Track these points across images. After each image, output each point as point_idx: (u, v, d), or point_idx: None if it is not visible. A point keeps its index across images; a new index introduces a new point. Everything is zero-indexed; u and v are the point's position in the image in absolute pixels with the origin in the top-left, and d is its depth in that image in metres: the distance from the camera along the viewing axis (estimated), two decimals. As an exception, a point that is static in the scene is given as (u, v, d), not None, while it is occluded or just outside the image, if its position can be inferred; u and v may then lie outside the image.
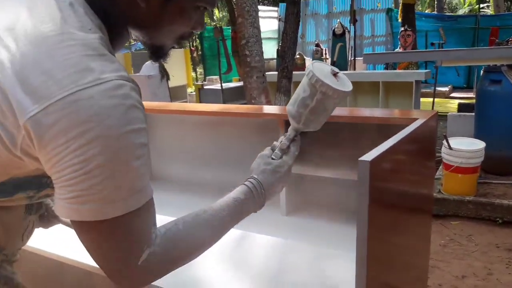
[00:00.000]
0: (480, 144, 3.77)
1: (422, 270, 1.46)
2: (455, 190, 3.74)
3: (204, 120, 1.83)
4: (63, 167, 0.64)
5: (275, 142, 1.06)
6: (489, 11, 18.49)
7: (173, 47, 0.90)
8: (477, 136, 4.17)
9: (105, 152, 0.64)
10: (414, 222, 1.25)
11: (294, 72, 6.12)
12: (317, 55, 10.75)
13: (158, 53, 0.88)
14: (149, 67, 6.55)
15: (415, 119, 1.24)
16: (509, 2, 19.28)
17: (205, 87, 7.66)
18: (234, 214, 0.89)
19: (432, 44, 8.82)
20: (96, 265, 0.72)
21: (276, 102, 5.36)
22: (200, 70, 14.59)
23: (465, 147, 3.72)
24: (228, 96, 6.88)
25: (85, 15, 0.72)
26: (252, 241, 1.36)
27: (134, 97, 0.68)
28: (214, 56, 12.17)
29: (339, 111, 1.38)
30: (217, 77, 10.67)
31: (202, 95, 7.38)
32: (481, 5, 19.98)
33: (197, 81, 11.94)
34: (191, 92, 10.21)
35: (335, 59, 10.21)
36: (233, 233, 1.36)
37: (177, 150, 1.97)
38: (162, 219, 0.80)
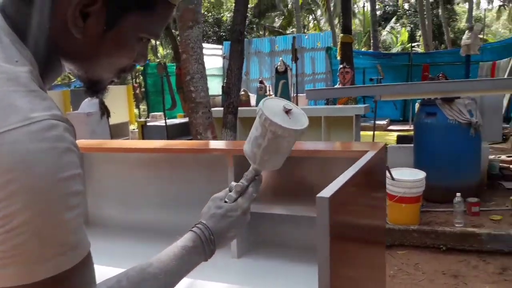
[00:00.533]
0: (421, 174, 3.91)
1: None
2: (400, 219, 3.83)
3: (146, 158, 1.73)
4: None
5: (232, 183, 0.98)
6: (420, 49, 19.82)
7: (112, 81, 0.82)
8: (417, 166, 4.34)
9: (32, 205, 0.55)
10: (371, 253, 1.23)
11: (239, 108, 6.15)
12: (261, 92, 10.92)
13: (95, 88, 0.79)
14: (89, 104, 6.34)
15: (366, 151, 1.25)
16: (436, 42, 20.79)
17: (148, 123, 7.51)
18: (183, 265, 0.81)
19: (371, 79, 9.25)
20: None
21: (223, 137, 5.33)
22: (143, 107, 14.37)
23: (406, 177, 3.85)
24: (173, 132, 6.77)
25: (12, 45, 0.65)
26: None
27: (68, 139, 0.60)
28: (158, 92, 12.07)
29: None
30: (161, 113, 10.54)
31: (146, 132, 7.21)
32: (413, 44, 21.41)
33: (140, 118, 11.72)
34: (134, 129, 9.99)
35: (278, 95, 10.43)
36: (180, 283, 1.26)
37: (117, 192, 1.85)
38: (101, 271, 0.71)
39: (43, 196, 0.56)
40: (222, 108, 6.82)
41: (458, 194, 3.80)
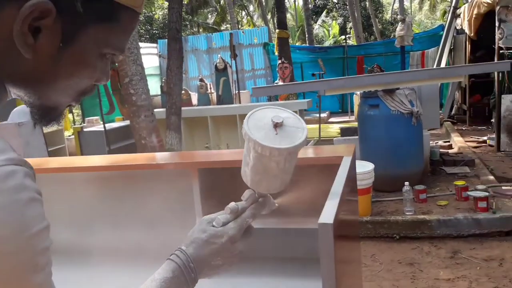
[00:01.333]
0: (369, 166, 3.96)
1: None
2: (353, 212, 3.86)
3: (96, 176, 1.57)
4: None
5: (231, 203, 0.85)
6: (351, 42, 20.44)
7: (70, 106, 0.69)
8: (363, 158, 4.40)
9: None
10: (352, 251, 1.17)
11: (183, 109, 5.97)
12: (202, 90, 10.78)
13: (50, 116, 0.67)
14: (19, 114, 5.88)
15: (341, 157, 1.18)
16: (366, 33, 21.53)
17: (85, 129, 7.12)
18: None
19: (313, 74, 9.36)
20: None
21: (168, 140, 5.14)
22: (77, 111, 13.69)
23: (356, 169, 3.88)
24: (113, 138, 6.45)
25: None
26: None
27: (30, 186, 0.50)
28: (92, 95, 11.51)
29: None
30: (97, 117, 10.06)
31: (82, 138, 6.82)
32: (344, 36, 22.04)
33: (74, 123, 11.13)
34: (69, 136, 9.46)
35: (220, 93, 10.33)
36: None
37: (65, 215, 1.66)
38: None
39: (8, 262, 0.47)
40: (162, 109, 6.61)
41: (407, 183, 3.90)
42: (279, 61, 10.13)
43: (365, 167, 3.96)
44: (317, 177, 1.27)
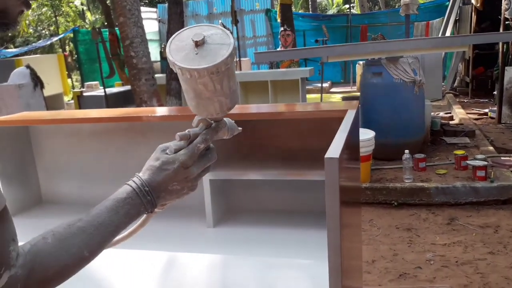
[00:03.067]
0: (370, 133, 3.97)
1: (359, 255, 1.42)
2: (352, 178, 3.89)
3: (100, 129, 1.57)
4: None
5: (185, 131, 0.85)
6: (355, 11, 20.10)
7: (22, 12, 0.69)
8: (365, 126, 4.39)
9: None
10: (355, 212, 1.18)
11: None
12: (202, 57, 10.63)
13: (2, 20, 0.67)
14: (19, 75, 5.83)
15: (346, 110, 1.18)
16: (371, 3, 21.15)
17: (84, 94, 7.08)
18: (118, 216, 0.76)
19: (316, 41, 9.24)
20: None
21: (168, 105, 5.12)
22: (76, 76, 13.59)
23: (357, 137, 3.89)
24: (113, 102, 6.42)
25: None
26: (181, 262, 1.17)
27: None
28: (92, 60, 11.38)
29: (260, 109, 1.27)
30: (96, 82, 9.98)
31: (82, 103, 6.78)
32: (347, 6, 21.64)
33: (73, 88, 11.06)
34: (69, 101, 9.41)
35: (220, 59, 10.18)
36: (156, 257, 1.16)
37: (70, 167, 1.68)
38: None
39: None
40: (162, 75, 6.55)
41: (407, 151, 3.91)
42: (281, 29, 9.96)
43: (366, 135, 3.96)
44: (322, 130, 1.27)
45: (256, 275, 1.11)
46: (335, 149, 0.69)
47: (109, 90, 6.99)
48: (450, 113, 6.77)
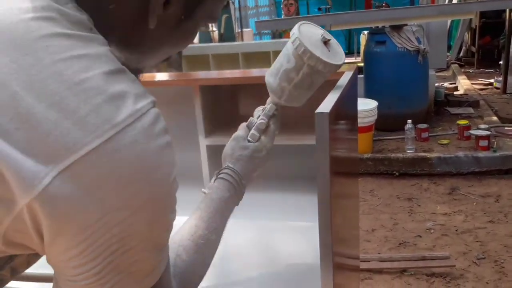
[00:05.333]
0: (373, 104, 3.93)
1: (356, 225, 1.42)
2: (354, 149, 3.88)
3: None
4: (94, 256, 0.42)
5: (251, 118, 0.89)
6: (360, -20, 19.66)
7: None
8: (367, 96, 4.35)
9: (152, 221, 0.45)
10: (350, 180, 1.17)
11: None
12: (204, 28, 10.51)
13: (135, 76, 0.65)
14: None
15: (343, 72, 1.15)
16: (376, -28, 20.67)
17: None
18: (225, 218, 0.78)
19: (319, 9, 9.09)
20: None
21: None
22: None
23: (359, 107, 3.84)
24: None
25: (75, 10, 0.47)
26: (179, 225, 1.17)
27: (168, 129, 0.48)
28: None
29: (250, 73, 1.24)
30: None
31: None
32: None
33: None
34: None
35: (222, 31, 10.07)
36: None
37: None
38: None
39: (162, 207, 0.46)
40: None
41: (409, 120, 3.88)
42: (285, -2, 9.78)
43: (368, 105, 3.92)
44: (318, 93, 1.25)
45: (255, 238, 1.12)
46: (326, 105, 0.67)
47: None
48: (454, 83, 6.69)
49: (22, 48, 0.42)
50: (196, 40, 11.20)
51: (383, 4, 8.25)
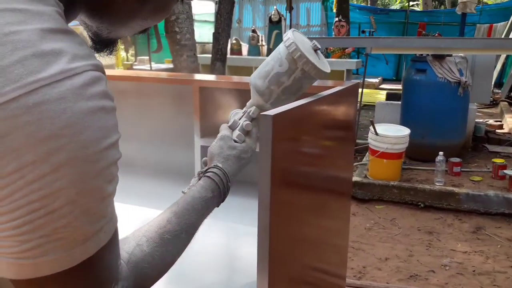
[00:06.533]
0: (405, 131, 3.85)
1: (342, 251, 1.38)
2: (381, 175, 3.80)
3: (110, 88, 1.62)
4: (11, 209, 0.42)
5: (234, 119, 0.89)
6: (418, 9, 19.38)
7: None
8: (403, 123, 4.27)
9: (78, 182, 0.44)
10: (331, 202, 1.15)
11: (229, 56, 5.97)
12: (254, 42, 10.66)
13: (110, 47, 0.67)
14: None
15: (331, 87, 1.14)
16: (436, 2, 20.31)
17: (134, 67, 7.31)
18: (201, 217, 0.74)
19: (363, 31, 9.04)
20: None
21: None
22: (132, 51, 14.00)
23: (391, 133, 3.79)
24: (159, 77, 6.60)
25: None
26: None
27: (111, 95, 0.49)
28: (146, 36, 11.67)
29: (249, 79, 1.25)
30: (148, 57, 10.25)
31: (132, 75, 7.02)
32: (411, 3, 20.91)
33: (128, 60, 11.41)
34: (121, 73, 9.72)
35: (271, 46, 10.18)
36: (143, 213, 1.18)
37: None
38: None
39: (90, 169, 0.45)
40: (208, 55, 6.63)
41: (441, 152, 3.77)
42: (336, 19, 9.80)
43: (400, 132, 3.85)
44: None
45: (220, 238, 1.12)
46: (277, 110, 0.68)
47: (157, 66, 7.19)
48: (500, 121, 6.42)
49: None
50: (245, 53, 11.39)
51: (436, 34, 8.10)
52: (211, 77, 1.30)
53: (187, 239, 0.70)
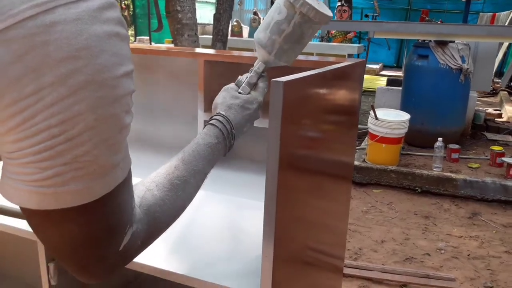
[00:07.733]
0: (405, 116, 3.85)
1: (341, 233, 1.39)
2: (379, 159, 3.82)
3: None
4: (31, 133, 0.41)
5: (240, 77, 0.89)
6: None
7: None
8: (403, 109, 4.27)
9: (96, 106, 0.43)
10: (333, 185, 1.16)
11: (230, 38, 5.92)
12: (255, 24, 10.56)
13: None
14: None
15: (340, 61, 1.15)
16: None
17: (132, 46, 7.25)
18: (208, 164, 0.73)
19: (366, 15, 8.98)
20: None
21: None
22: (131, 31, 13.88)
23: (390, 118, 3.79)
24: (159, 57, 6.54)
25: None
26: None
27: (125, 24, 0.47)
28: (147, 15, 11.57)
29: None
30: (148, 37, 10.16)
31: (131, 55, 6.95)
32: (414, -11, 20.69)
33: (127, 41, 11.31)
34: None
35: (272, 29, 10.09)
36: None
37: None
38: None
39: (107, 95, 0.44)
40: (211, 36, 6.57)
41: (440, 138, 3.78)
42: (339, 3, 9.70)
43: (400, 117, 3.85)
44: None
45: (223, 211, 1.13)
46: (287, 78, 0.67)
47: (157, 46, 7.11)
48: (499, 110, 6.43)
49: None
50: (245, 35, 11.30)
51: (439, 22, 8.05)
52: (216, 52, 1.30)
53: (196, 185, 0.70)
